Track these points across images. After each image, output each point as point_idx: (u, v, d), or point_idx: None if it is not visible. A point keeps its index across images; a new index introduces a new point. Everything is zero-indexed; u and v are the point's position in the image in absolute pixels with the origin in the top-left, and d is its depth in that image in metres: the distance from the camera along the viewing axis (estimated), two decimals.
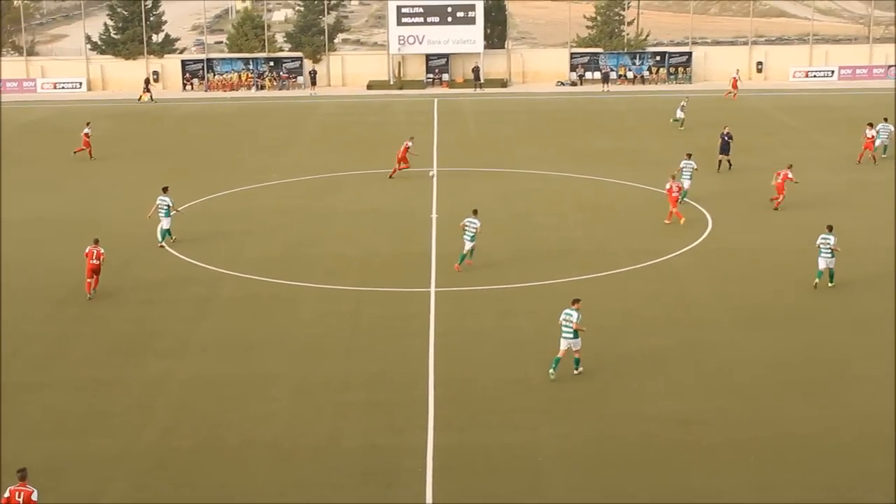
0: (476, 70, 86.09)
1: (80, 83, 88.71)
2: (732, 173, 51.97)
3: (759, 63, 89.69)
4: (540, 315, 33.12)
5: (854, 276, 36.59)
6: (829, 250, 35.34)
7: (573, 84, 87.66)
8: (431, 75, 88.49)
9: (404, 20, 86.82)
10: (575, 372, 28.76)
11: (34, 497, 20.43)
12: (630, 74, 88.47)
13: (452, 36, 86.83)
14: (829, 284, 35.68)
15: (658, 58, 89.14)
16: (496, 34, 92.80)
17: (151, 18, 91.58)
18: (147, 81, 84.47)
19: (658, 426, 25.81)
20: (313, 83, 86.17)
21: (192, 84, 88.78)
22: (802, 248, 39.60)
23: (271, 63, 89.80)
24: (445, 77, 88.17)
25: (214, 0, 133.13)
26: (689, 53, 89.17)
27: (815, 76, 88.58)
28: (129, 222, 43.76)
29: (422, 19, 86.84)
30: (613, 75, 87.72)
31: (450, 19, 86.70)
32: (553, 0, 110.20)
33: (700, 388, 28.04)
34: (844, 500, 22.54)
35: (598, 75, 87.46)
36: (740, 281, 36.62)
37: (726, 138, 53.20)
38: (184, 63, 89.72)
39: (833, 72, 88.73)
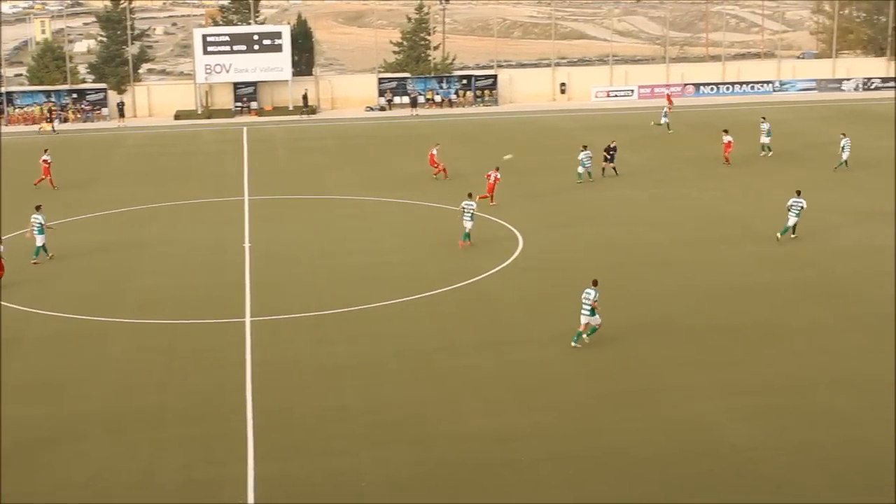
0: (305, 97, 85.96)
1: None
2: (541, 194, 53.07)
3: (563, 84, 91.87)
4: (356, 340, 33.23)
5: (665, 288, 37.91)
6: (798, 210, 43.15)
7: (382, 109, 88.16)
8: (240, 104, 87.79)
9: (210, 49, 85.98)
10: (573, 343, 32.02)
11: None
12: (438, 98, 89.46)
13: (260, 64, 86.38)
14: (792, 236, 43.49)
15: (465, 81, 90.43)
16: (304, 61, 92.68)
17: None
18: None
19: (477, 445, 26.09)
20: (121, 115, 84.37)
21: None
22: (611, 264, 40.86)
23: (74, 95, 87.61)
24: (254, 105, 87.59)
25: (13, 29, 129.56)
26: (495, 76, 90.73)
27: (616, 95, 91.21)
28: None
29: (228, 48, 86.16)
30: (421, 99, 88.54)
31: (256, 47, 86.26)
32: (360, 27, 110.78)
33: (517, 406, 28.46)
34: None
35: (406, 100, 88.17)
36: (551, 298, 37.40)
37: (611, 149, 57.90)
38: None
39: (633, 91, 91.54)
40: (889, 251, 42.25)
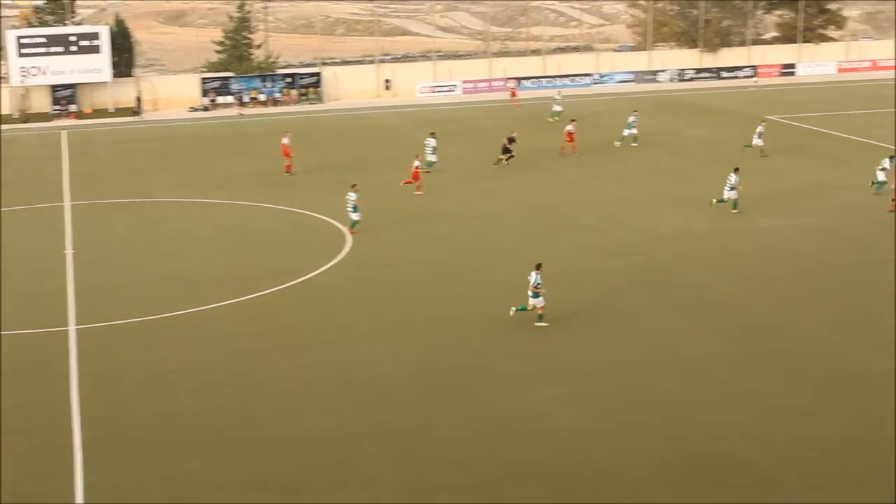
0: (139, 99, 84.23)
1: None
2: (368, 190, 53.10)
3: (387, 80, 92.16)
4: (186, 345, 32.87)
5: (494, 280, 38.52)
6: (731, 186, 46.71)
7: (206, 109, 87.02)
8: (58, 107, 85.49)
9: (25, 51, 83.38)
10: (538, 324, 33.38)
11: None
12: (262, 97, 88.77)
13: (78, 65, 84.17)
14: (733, 210, 46.86)
15: (289, 79, 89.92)
16: (124, 62, 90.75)
17: None
18: None
19: (312, 444, 26.13)
20: None
21: None
22: (441, 258, 41.34)
23: None
24: (73, 108, 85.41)
25: None
26: (319, 74, 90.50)
27: (440, 91, 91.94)
28: None
29: (44, 49, 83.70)
30: (246, 98, 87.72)
31: (74, 49, 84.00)
32: (181, 26, 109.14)
33: (350, 403, 28.57)
34: (494, 496, 23.62)
35: (230, 99, 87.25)
36: (382, 294, 37.61)
37: (509, 141, 59.21)
38: None
39: (456, 86, 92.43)
40: (707, 236, 43.79)
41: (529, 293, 33.50)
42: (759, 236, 43.85)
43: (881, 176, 50.31)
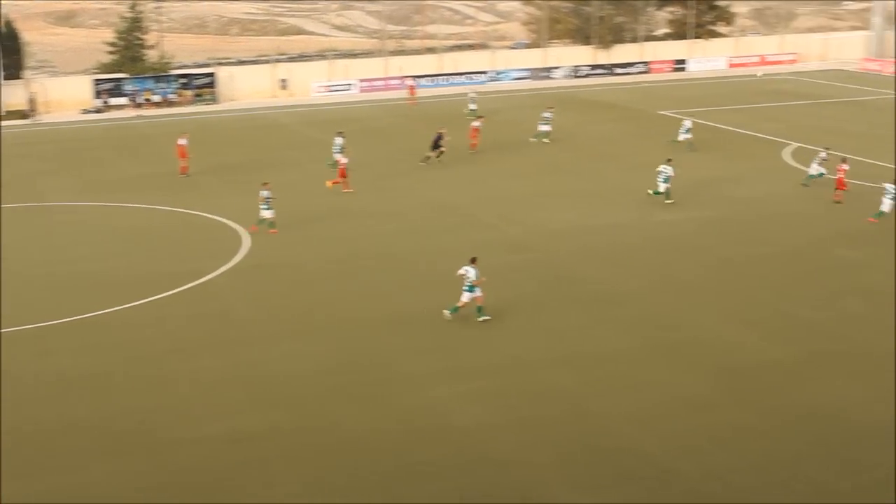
0: (32, 101, 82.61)
1: None
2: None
3: (283, 80, 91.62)
4: (82, 350, 32.35)
5: (392, 278, 38.54)
6: (665, 177, 47.90)
7: (98, 111, 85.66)
8: None
9: None
10: (479, 319, 33.43)
11: None
12: (156, 98, 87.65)
13: None
14: (667, 201, 47.98)
15: (184, 80, 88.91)
16: (13, 64, 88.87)
17: None
18: None
19: (211, 448, 25.91)
20: None
21: None
22: (339, 257, 41.28)
23: None
24: None
25: None
26: (213, 74, 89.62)
27: (336, 90, 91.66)
28: None
29: None
30: (140, 99, 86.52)
31: None
32: (72, 27, 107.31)
33: (250, 405, 28.37)
34: (396, 494, 23.65)
35: (124, 101, 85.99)
36: (281, 295, 37.42)
37: (438, 137, 59.28)
38: None
39: (353, 85, 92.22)
40: (604, 231, 44.32)
41: (464, 287, 33.66)
42: (656, 230, 44.51)
43: (815, 169, 51.26)
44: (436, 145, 59.51)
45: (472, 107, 75.43)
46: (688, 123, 61.95)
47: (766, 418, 26.93)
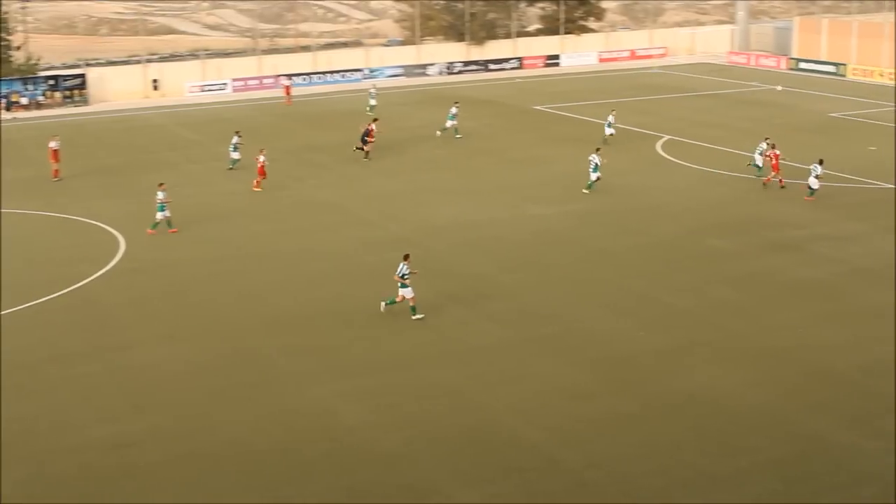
0: None
1: None
2: (140, 193, 51.84)
3: (155, 80, 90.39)
4: None
5: (270, 278, 38.37)
6: (595, 166, 49.14)
7: None
8: None
9: None
10: (413, 317, 33.57)
11: None
12: (24, 101, 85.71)
13: None
14: (585, 191, 49.54)
15: (52, 82, 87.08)
16: None
17: None
18: None
19: (92, 455, 25.51)
20: None
21: None
22: (218, 258, 40.95)
23: None
24: None
25: None
26: (83, 75, 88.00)
27: (210, 90, 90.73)
28: None
29: None
30: (4, 102, 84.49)
31: None
32: None
33: (130, 411, 28.00)
34: (283, 495, 23.60)
35: None
36: (158, 298, 36.98)
37: (366, 131, 59.40)
38: None
39: (226, 84, 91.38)
40: (482, 226, 44.74)
41: (399, 284, 33.81)
42: (531, 224, 45.06)
43: (759, 160, 52.29)
44: (364, 139, 59.33)
45: (372, 102, 75.42)
46: (611, 118, 62.83)
47: (645, 406, 27.49)
